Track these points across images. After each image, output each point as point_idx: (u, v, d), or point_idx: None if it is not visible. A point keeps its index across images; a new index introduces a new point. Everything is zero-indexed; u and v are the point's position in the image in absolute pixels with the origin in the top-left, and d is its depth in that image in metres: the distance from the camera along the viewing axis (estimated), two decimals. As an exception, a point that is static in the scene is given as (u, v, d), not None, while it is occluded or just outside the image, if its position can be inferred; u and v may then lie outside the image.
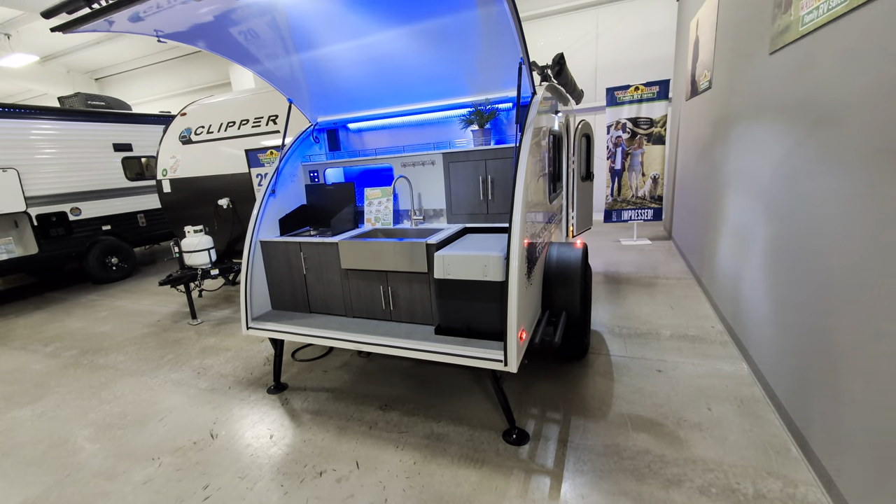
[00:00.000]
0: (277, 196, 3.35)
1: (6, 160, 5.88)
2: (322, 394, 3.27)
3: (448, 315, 2.62)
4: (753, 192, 3.15)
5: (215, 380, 3.64)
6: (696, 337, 3.71)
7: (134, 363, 4.10)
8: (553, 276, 3.09)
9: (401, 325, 2.84)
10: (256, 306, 3.24)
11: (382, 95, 3.27)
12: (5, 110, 5.89)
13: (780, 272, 2.64)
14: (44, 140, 6.30)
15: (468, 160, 3.01)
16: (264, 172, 4.45)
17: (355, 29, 2.60)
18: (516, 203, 2.35)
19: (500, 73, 2.91)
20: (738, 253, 3.49)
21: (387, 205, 3.26)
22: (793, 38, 2.50)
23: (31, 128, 6.15)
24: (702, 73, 5.19)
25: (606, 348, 3.64)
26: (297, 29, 2.63)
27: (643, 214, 7.35)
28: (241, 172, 5.33)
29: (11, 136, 5.93)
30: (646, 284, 5.16)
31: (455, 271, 2.50)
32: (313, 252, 3.06)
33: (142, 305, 5.93)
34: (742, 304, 3.34)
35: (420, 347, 2.53)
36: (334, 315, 3.13)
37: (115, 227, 7.29)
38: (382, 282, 2.86)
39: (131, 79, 13.89)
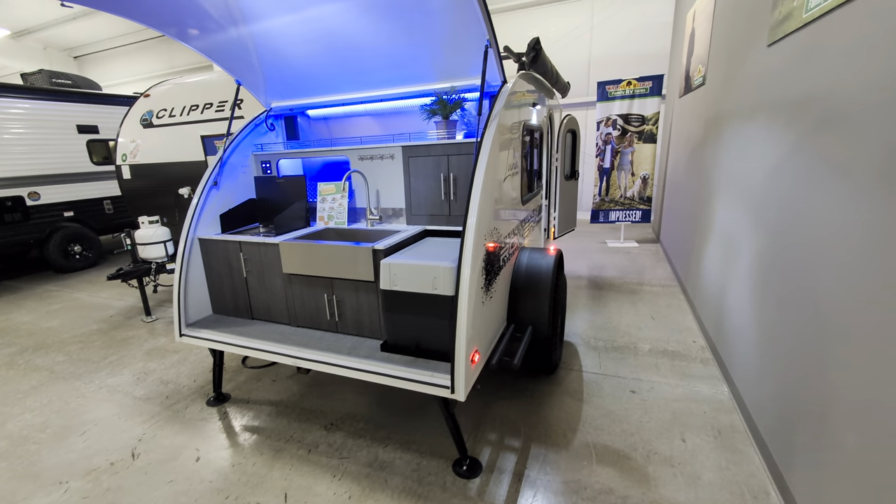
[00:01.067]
0: (222, 188, 3.03)
1: (-46, 139, 5.49)
2: (265, 407, 2.98)
3: (396, 330, 2.33)
4: (744, 198, 2.87)
5: (154, 387, 3.33)
6: (675, 353, 3.45)
7: (73, 364, 3.79)
8: (521, 286, 2.81)
9: (346, 339, 2.55)
10: (194, 310, 2.93)
11: (339, 79, 2.94)
12: (-48, 85, 5.49)
13: (767, 290, 2.37)
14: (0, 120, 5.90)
15: (429, 155, 2.69)
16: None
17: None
18: (472, 207, 2.05)
19: (468, 57, 2.59)
20: (724, 263, 3.22)
21: (341, 202, 2.95)
22: (795, 27, 2.20)
23: (-17, 106, 5.75)
24: (696, 67, 4.88)
25: (579, 363, 3.37)
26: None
27: (631, 216, 7.08)
28: (202, 160, 4.98)
29: (-41, 113, 5.53)
30: (629, 291, 4.90)
31: (402, 282, 2.21)
32: (254, 253, 2.75)
33: (99, 298, 5.59)
34: (726, 319, 3.08)
35: (361, 367, 2.24)
36: (277, 323, 2.83)
37: (78, 213, 6.91)
38: (327, 289, 2.56)
39: (111, 58, 13.35)
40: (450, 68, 2.70)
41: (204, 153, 4.14)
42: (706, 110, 4.23)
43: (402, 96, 2.93)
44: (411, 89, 2.86)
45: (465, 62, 2.65)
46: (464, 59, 2.62)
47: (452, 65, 2.67)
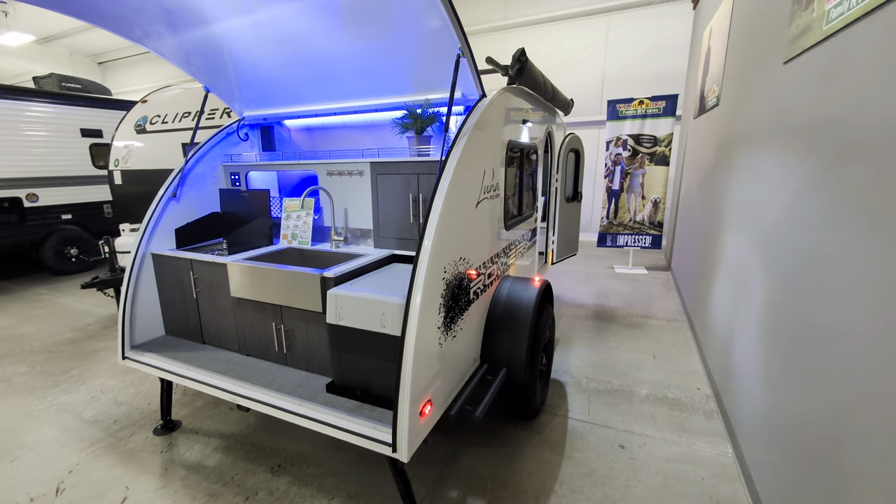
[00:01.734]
0: (182, 201, 2.83)
1: (-45, 139, 5.51)
2: (214, 440, 2.72)
3: (343, 371, 2.06)
4: (754, 233, 2.54)
5: (105, 408, 3.11)
6: (676, 401, 3.08)
7: (33, 377, 3.61)
8: (497, 320, 2.51)
9: (294, 374, 2.28)
10: (144, 330, 2.72)
11: (309, 89, 2.74)
12: (-45, 86, 5.53)
13: (777, 341, 2.02)
14: (1, 121, 5.91)
15: (398, 173, 2.45)
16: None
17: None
18: (428, 233, 1.78)
19: (446, 68, 2.35)
20: (732, 302, 2.86)
21: (305, 220, 2.71)
22: (814, 41, 1.90)
23: (-15, 107, 5.78)
24: (710, 88, 4.57)
25: (566, 407, 3.03)
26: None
27: (641, 241, 6.70)
28: (192, 168, 4.84)
29: (-39, 114, 5.56)
30: (632, 324, 4.53)
31: (349, 317, 1.94)
32: (205, 272, 2.52)
33: (83, 304, 5.47)
34: (733, 366, 2.71)
35: (299, 411, 1.96)
36: (228, 350, 2.58)
37: (76, 216, 6.89)
38: (276, 318, 2.31)
39: (133, 65, 13.67)
40: (426, 80, 2.47)
41: (185, 161, 4.01)
42: (719, 133, 3.90)
43: (376, 108, 2.71)
44: (385, 101, 2.64)
45: (443, 73, 2.41)
46: (441, 70, 2.39)
47: (429, 76, 2.44)
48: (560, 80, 8.59)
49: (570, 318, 4.69)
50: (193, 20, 2.26)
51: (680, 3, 7.53)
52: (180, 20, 2.26)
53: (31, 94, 6.33)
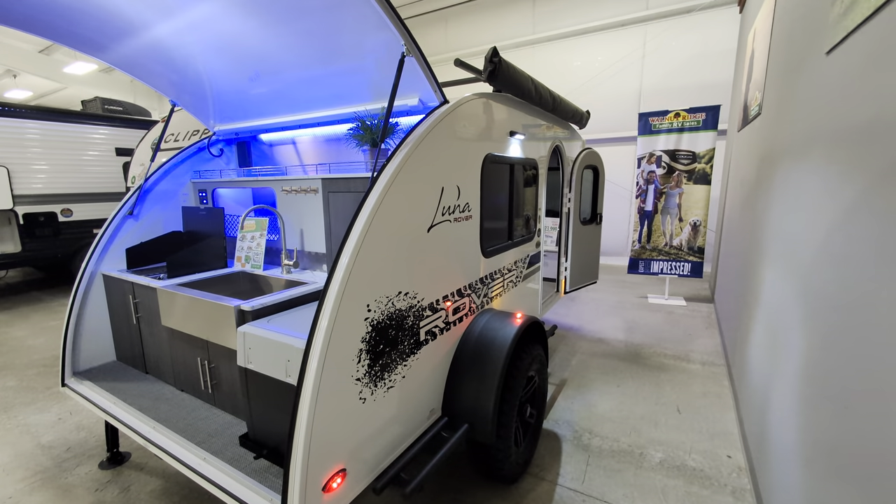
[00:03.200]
0: (142, 219, 2.69)
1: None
2: (154, 481, 2.48)
3: (254, 423, 1.74)
4: (793, 266, 1.99)
5: (65, 433, 2.98)
6: (698, 472, 2.50)
7: (16, 393, 3.59)
8: (463, 363, 2.11)
9: (220, 417, 1.99)
10: (93, 354, 2.56)
11: (271, 102, 2.53)
12: (1, 109, 5.94)
13: (822, 410, 1.48)
14: (40, 140, 6.30)
15: (350, 190, 2.14)
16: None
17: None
18: (339, 266, 1.44)
19: (405, 73, 2.05)
20: (770, 352, 2.29)
21: (259, 241, 2.47)
22: (862, 19, 1.41)
23: (28, 127, 6.16)
24: (753, 95, 3.97)
25: (557, 469, 2.53)
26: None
27: (678, 268, 5.99)
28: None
29: (5, 134, 5.95)
30: (657, 366, 3.91)
31: (257, 360, 1.63)
32: (145, 296, 2.32)
33: (97, 317, 5.57)
34: (770, 433, 2.13)
35: (195, 465, 1.65)
36: (165, 383, 2.35)
37: (108, 231, 7.17)
38: (203, 352, 2.04)
39: (186, 90, 14.59)
40: (383, 86, 2.16)
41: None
42: (760, 146, 3.32)
43: (337, 120, 2.44)
44: (342, 111, 2.36)
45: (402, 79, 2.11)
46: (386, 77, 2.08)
47: (386, 82, 2.13)
48: (592, 94, 8.10)
49: (586, 356, 4.14)
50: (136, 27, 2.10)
51: (725, 7, 6.89)
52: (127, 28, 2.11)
53: (72, 115, 6.72)
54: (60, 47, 11.26)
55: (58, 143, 6.48)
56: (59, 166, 6.51)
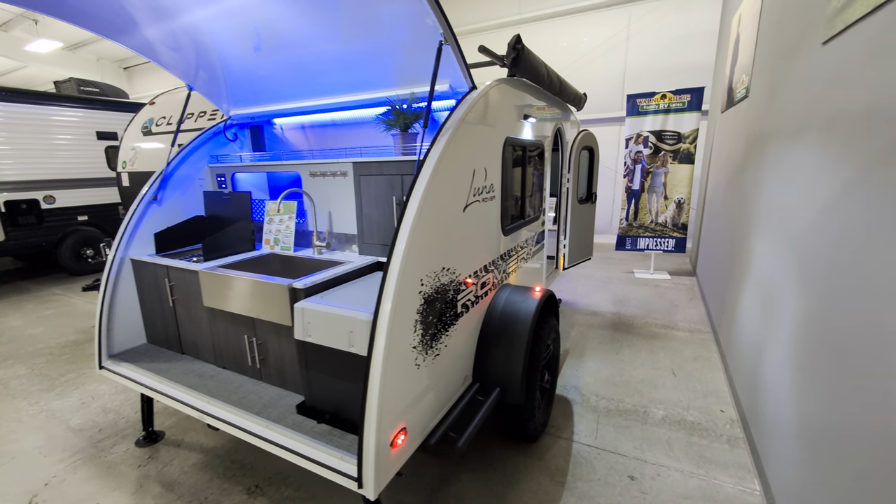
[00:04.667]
0: (164, 204, 2.72)
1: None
2: (194, 455, 2.59)
3: (313, 391, 1.88)
4: (787, 239, 2.23)
5: (93, 416, 3.04)
6: (696, 425, 2.78)
7: (29, 380, 3.59)
8: (491, 334, 2.29)
9: (267, 391, 2.12)
10: (125, 337, 2.61)
11: (290, 85, 2.58)
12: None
13: (817, 369, 1.72)
14: (17, 124, 6.04)
15: (381, 174, 2.25)
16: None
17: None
18: (399, 241, 1.58)
19: (431, 59, 2.14)
20: (762, 317, 2.55)
21: (288, 224, 2.55)
22: (862, 13, 1.60)
23: (3, 111, 5.89)
24: (739, 78, 4.20)
25: (572, 428, 2.77)
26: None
27: (663, 244, 6.31)
28: (196, 169, 4.79)
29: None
30: (650, 335, 4.20)
31: (317, 333, 1.75)
32: (181, 279, 2.39)
33: (93, 305, 5.51)
34: (762, 390, 2.40)
35: (264, 434, 1.79)
36: (204, 362, 2.44)
37: (92, 217, 7.00)
38: (249, 330, 2.15)
39: (157, 69, 13.97)
40: (412, 72, 2.26)
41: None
42: (748, 127, 3.55)
43: (361, 104, 2.52)
44: (369, 96, 2.45)
45: (429, 65, 2.20)
46: (427, 61, 2.17)
47: (414, 68, 2.23)
48: (578, 75, 8.24)
49: (583, 328, 4.40)
50: (168, 12, 2.12)
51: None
52: (155, 13, 2.12)
53: (49, 97, 6.44)
54: (20, 23, 10.59)
55: (36, 127, 6.22)
56: (39, 151, 6.27)
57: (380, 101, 2.47)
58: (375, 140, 2.84)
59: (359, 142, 2.98)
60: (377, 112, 2.60)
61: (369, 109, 2.61)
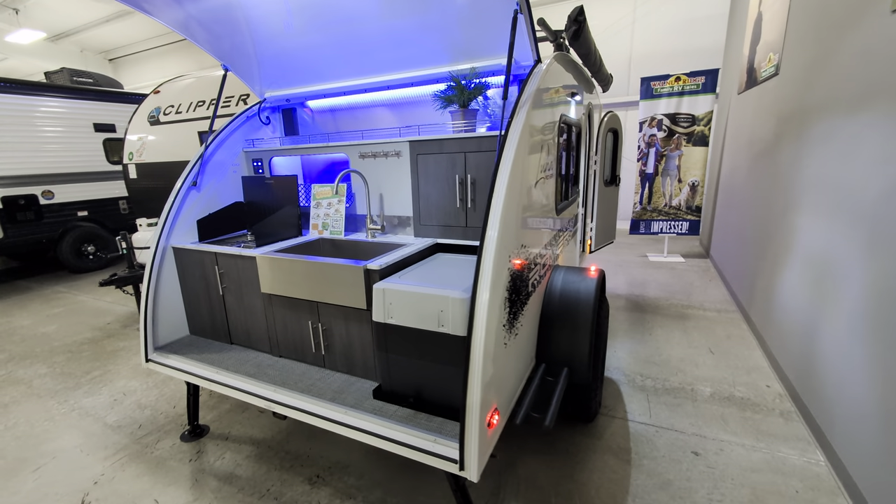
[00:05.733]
0: (203, 190, 2.61)
1: (-31, 136, 5.39)
2: (245, 448, 2.52)
3: (392, 375, 1.82)
4: (848, 214, 2.22)
5: (129, 412, 2.94)
6: (745, 401, 2.79)
7: (53, 379, 3.46)
8: (553, 315, 2.25)
9: (334, 377, 2.05)
10: (167, 330, 2.52)
11: (338, 63, 2.48)
12: (-34, 81, 5.39)
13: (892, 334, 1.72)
14: (13, 116, 5.78)
15: (441, 151, 2.18)
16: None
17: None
18: (493, 217, 1.52)
19: (492, 33, 2.07)
20: (815, 295, 2.55)
21: (337, 207, 2.47)
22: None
23: None
24: (764, 57, 4.18)
25: (624, 408, 2.76)
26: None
27: (677, 227, 6.34)
28: (210, 159, 4.63)
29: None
30: (677, 315, 4.22)
31: (400, 314, 1.69)
32: (232, 267, 2.30)
33: (102, 302, 5.35)
34: (819, 366, 2.41)
35: (345, 420, 1.73)
36: (258, 351, 2.37)
37: (92, 213, 6.78)
38: (312, 315, 2.08)
39: (144, 60, 13.55)
40: (469, 46, 2.18)
41: (203, 151, 3.80)
42: (781, 105, 3.54)
43: (413, 82, 2.43)
44: (423, 73, 2.36)
45: (488, 39, 2.13)
46: (486, 34, 2.11)
47: (472, 42, 2.15)
48: (584, 60, 8.19)
49: (612, 311, 4.39)
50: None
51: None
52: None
53: (44, 88, 6.18)
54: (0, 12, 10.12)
55: (34, 120, 5.96)
56: (38, 145, 6.02)
57: (429, 79, 2.39)
58: (410, 120, 2.76)
59: (393, 123, 2.89)
60: (423, 91, 2.53)
61: (415, 88, 2.52)
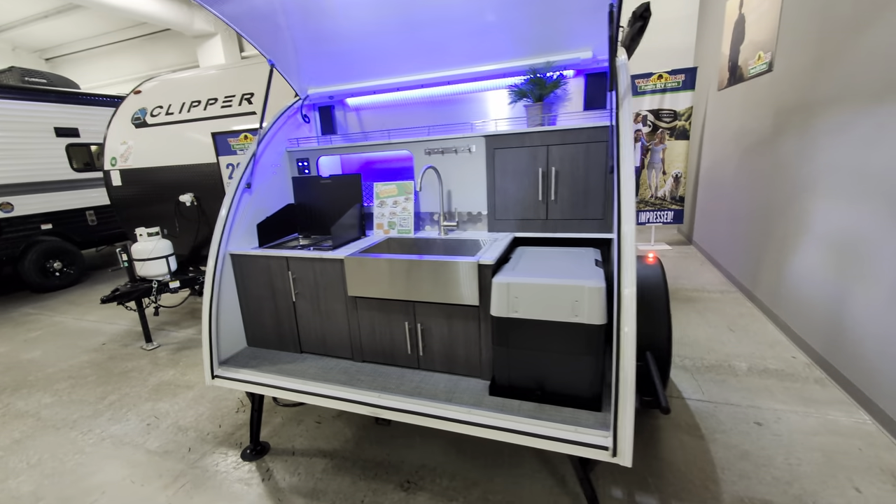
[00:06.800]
0: (255, 192, 2.47)
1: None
2: (317, 461, 2.41)
3: (510, 369, 1.81)
4: (880, 196, 2.46)
5: (171, 436, 2.72)
6: (780, 372, 3.01)
7: (64, 407, 3.14)
8: (630, 303, 2.32)
9: (434, 378, 2.01)
10: (226, 343, 2.36)
11: (395, 57, 2.42)
12: None
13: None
14: (-38, 120, 5.16)
15: (522, 146, 2.19)
16: (237, 162, 3.53)
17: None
18: (625, 209, 1.56)
19: (563, 25, 2.11)
20: (843, 271, 2.80)
21: (405, 206, 2.42)
22: None
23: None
24: (752, 55, 4.52)
25: (675, 387, 2.90)
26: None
27: (662, 216, 6.70)
28: (209, 162, 4.37)
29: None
30: (687, 298, 4.47)
31: (526, 308, 1.69)
32: (307, 271, 2.19)
33: (86, 322, 4.89)
34: (852, 335, 2.65)
35: (477, 420, 1.71)
36: (335, 358, 2.28)
37: (57, 226, 6.17)
38: (408, 316, 2.03)
39: (87, 60, 12.48)
40: (537, 40, 2.20)
41: (216, 153, 3.55)
42: (780, 99, 3.84)
43: (478, 77, 2.42)
44: (489, 68, 2.36)
45: (559, 32, 2.16)
46: (557, 27, 2.14)
47: (541, 35, 2.17)
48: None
49: (626, 298, 4.57)
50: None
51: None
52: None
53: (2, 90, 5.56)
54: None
55: (-13, 124, 5.35)
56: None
57: (496, 73, 2.39)
58: (462, 116, 2.75)
59: (431, 120, 2.85)
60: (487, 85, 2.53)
61: (481, 83, 2.51)
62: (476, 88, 2.56)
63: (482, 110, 2.62)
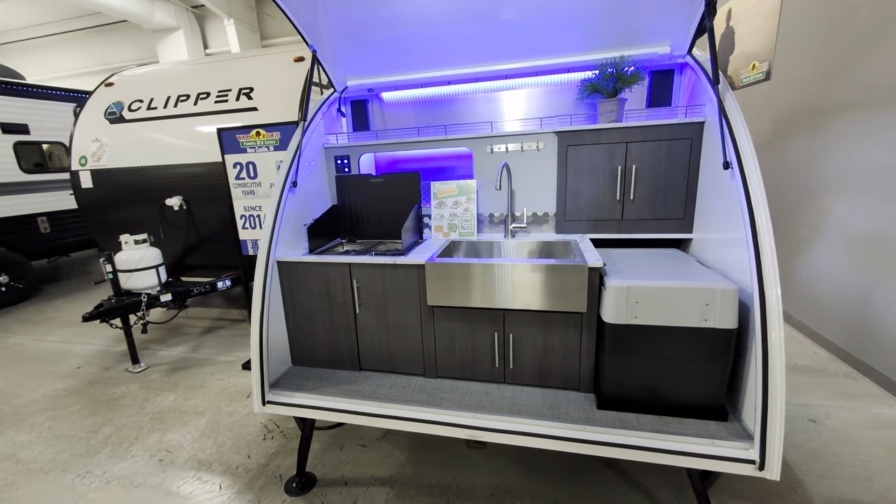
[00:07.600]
0: (298, 191, 2.21)
1: None
2: (376, 490, 2.17)
3: (623, 379, 1.69)
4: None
5: (195, 473, 2.37)
6: (810, 368, 3.10)
7: (47, 445, 2.68)
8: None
9: (525, 392, 1.86)
10: (275, 363, 2.08)
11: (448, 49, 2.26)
12: None
13: None
14: None
15: (598, 142, 2.10)
16: (245, 161, 3.21)
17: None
18: (756, 202, 1.50)
19: (643, 17, 2.04)
20: (870, 269, 2.92)
21: (467, 206, 2.26)
22: None
23: None
24: (744, 65, 4.74)
25: (720, 388, 2.90)
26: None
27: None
28: (201, 162, 3.97)
29: None
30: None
31: (647, 313, 1.58)
32: (374, 279, 1.97)
33: (50, 343, 4.28)
34: (883, 329, 2.77)
35: (593, 438, 1.57)
36: (403, 375, 2.06)
37: (3, 234, 5.42)
38: (496, 326, 1.86)
39: (21, 51, 11.24)
40: (613, 33, 2.13)
41: (221, 151, 3.19)
42: (782, 106, 4.03)
43: (545, 70, 2.30)
44: (554, 61, 2.25)
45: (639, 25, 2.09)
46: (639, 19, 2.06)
47: (618, 28, 2.10)
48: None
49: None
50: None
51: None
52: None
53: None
54: None
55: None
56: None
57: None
58: (493, 114, 2.62)
59: (473, 117, 2.71)
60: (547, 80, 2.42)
61: (550, 76, 2.38)
62: (528, 84, 2.44)
63: (535, 107, 2.50)
